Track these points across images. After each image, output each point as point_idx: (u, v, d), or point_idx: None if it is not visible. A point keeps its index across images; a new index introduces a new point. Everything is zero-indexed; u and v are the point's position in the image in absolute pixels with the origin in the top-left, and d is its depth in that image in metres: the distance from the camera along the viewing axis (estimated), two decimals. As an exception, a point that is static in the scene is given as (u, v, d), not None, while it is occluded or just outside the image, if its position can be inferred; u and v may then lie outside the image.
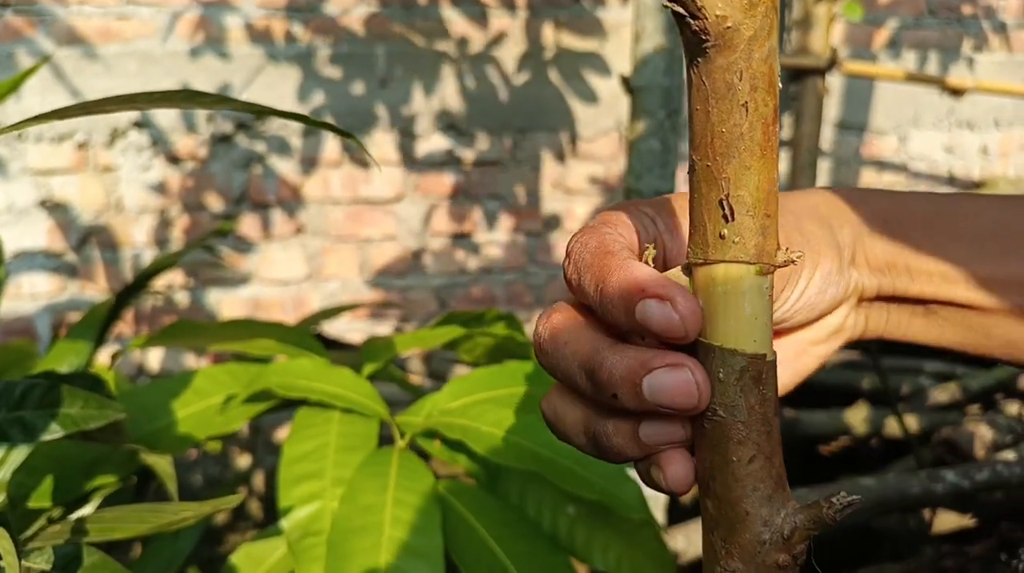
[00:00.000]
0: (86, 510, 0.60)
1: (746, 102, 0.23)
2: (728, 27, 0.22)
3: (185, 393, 0.65)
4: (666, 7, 0.23)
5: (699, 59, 0.23)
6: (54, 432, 0.48)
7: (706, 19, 0.22)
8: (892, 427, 1.28)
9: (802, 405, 1.38)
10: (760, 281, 0.25)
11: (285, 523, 0.57)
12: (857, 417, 1.30)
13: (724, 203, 0.25)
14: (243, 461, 1.60)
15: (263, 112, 0.45)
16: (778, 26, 0.24)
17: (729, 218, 0.25)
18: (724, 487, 0.27)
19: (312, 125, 0.45)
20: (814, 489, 0.90)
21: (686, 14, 0.23)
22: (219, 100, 0.45)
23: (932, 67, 1.84)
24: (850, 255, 0.33)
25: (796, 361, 0.35)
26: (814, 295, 0.32)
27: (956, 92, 1.66)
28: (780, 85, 0.24)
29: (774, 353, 0.26)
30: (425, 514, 0.56)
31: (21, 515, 0.60)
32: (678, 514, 1.36)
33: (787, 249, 0.26)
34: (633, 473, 0.62)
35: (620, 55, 1.62)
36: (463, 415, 0.61)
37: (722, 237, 0.25)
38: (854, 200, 0.34)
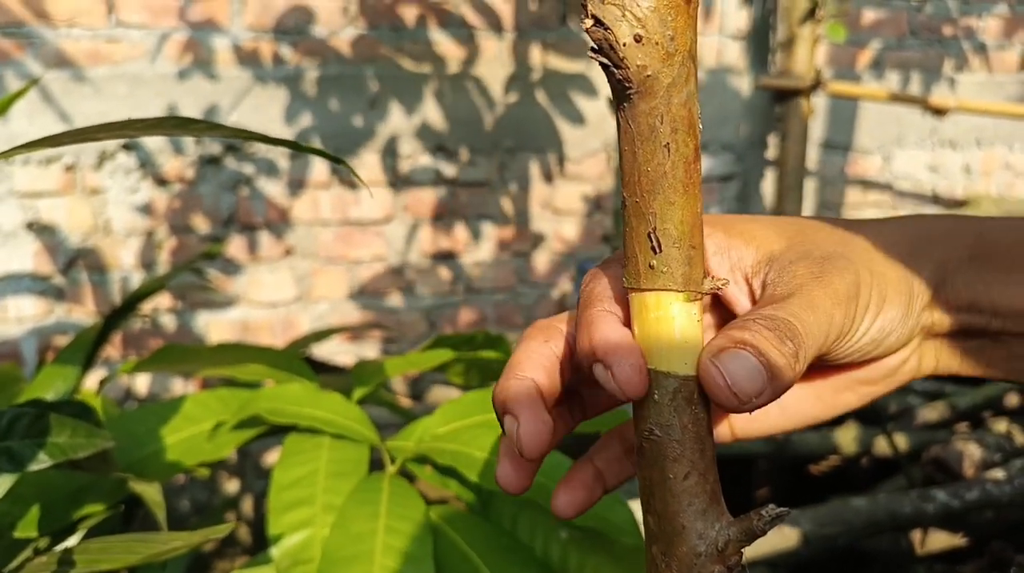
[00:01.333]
0: (73, 540, 0.60)
1: (668, 143, 0.26)
2: (648, 75, 0.25)
3: (174, 419, 0.64)
4: (592, 58, 0.25)
5: (625, 104, 0.26)
6: (42, 462, 0.47)
7: (628, 68, 0.25)
8: (882, 446, 1.28)
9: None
10: (688, 307, 0.28)
11: (275, 551, 0.57)
12: (847, 436, 1.30)
13: (652, 236, 0.27)
14: (231, 486, 1.59)
15: (253, 138, 0.45)
16: (695, 74, 0.26)
17: (657, 250, 0.27)
18: (662, 503, 0.28)
19: (301, 151, 0.45)
20: (805, 510, 0.89)
21: (610, 64, 0.25)
22: (209, 127, 0.45)
23: (915, 87, 1.86)
24: (926, 299, 0.32)
25: (834, 397, 0.34)
26: (870, 341, 0.31)
27: (938, 112, 1.68)
28: (700, 126, 0.26)
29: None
30: (416, 541, 0.55)
31: (7, 545, 0.59)
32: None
33: (713, 277, 0.28)
34: (625, 497, 0.62)
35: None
36: (454, 440, 0.61)
37: (651, 267, 0.27)
38: (940, 233, 0.33)
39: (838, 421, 1.37)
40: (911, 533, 1.12)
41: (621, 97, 0.26)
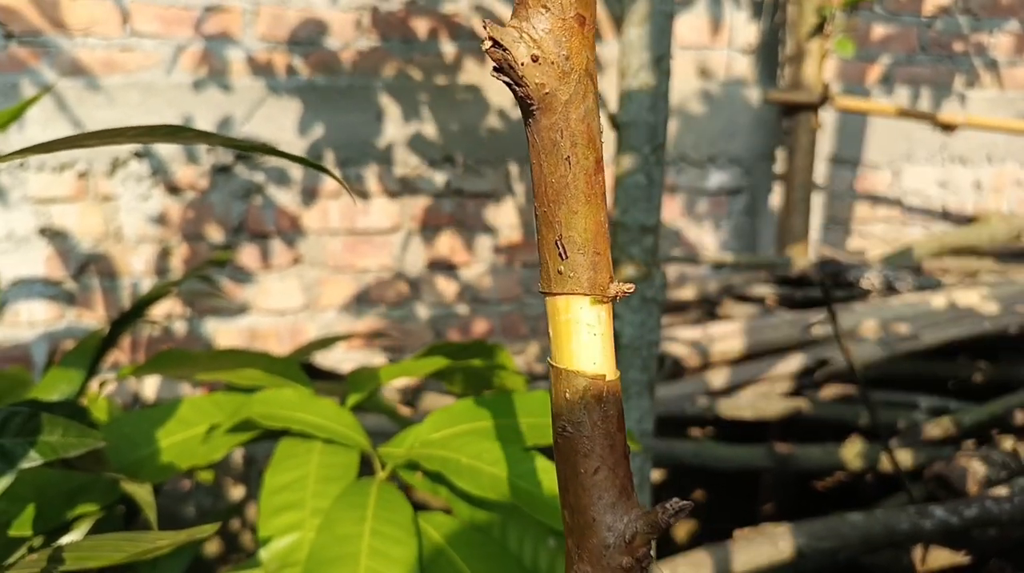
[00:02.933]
0: (67, 539, 0.61)
1: (568, 156, 0.27)
2: (547, 93, 0.27)
3: (170, 422, 0.65)
4: (494, 77, 0.27)
5: (530, 120, 0.28)
6: (33, 460, 0.48)
7: (528, 87, 0.27)
8: (886, 462, 1.27)
9: (796, 440, 1.38)
10: (596, 310, 0.29)
11: (264, 553, 0.57)
12: (851, 452, 1.29)
13: (559, 243, 0.28)
14: (237, 492, 1.60)
15: (244, 148, 0.46)
16: (594, 91, 0.27)
17: (564, 256, 0.28)
18: (575, 497, 0.29)
19: (296, 162, 0.46)
20: (801, 524, 0.89)
21: (512, 83, 0.27)
22: (201, 135, 0.47)
23: (925, 103, 1.86)
24: None
25: None
26: None
27: (948, 128, 1.67)
28: (600, 141, 0.28)
29: (616, 373, 0.29)
30: (403, 545, 0.56)
31: (3, 543, 0.60)
32: (669, 549, 1.35)
33: (620, 282, 0.29)
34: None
35: (614, 90, 1.64)
36: (444, 447, 0.62)
37: (560, 273, 0.29)
38: None
39: (844, 436, 1.37)
40: (912, 550, 1.11)
41: (526, 113, 0.28)
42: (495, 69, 0.27)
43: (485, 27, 0.26)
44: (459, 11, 1.61)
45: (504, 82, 0.27)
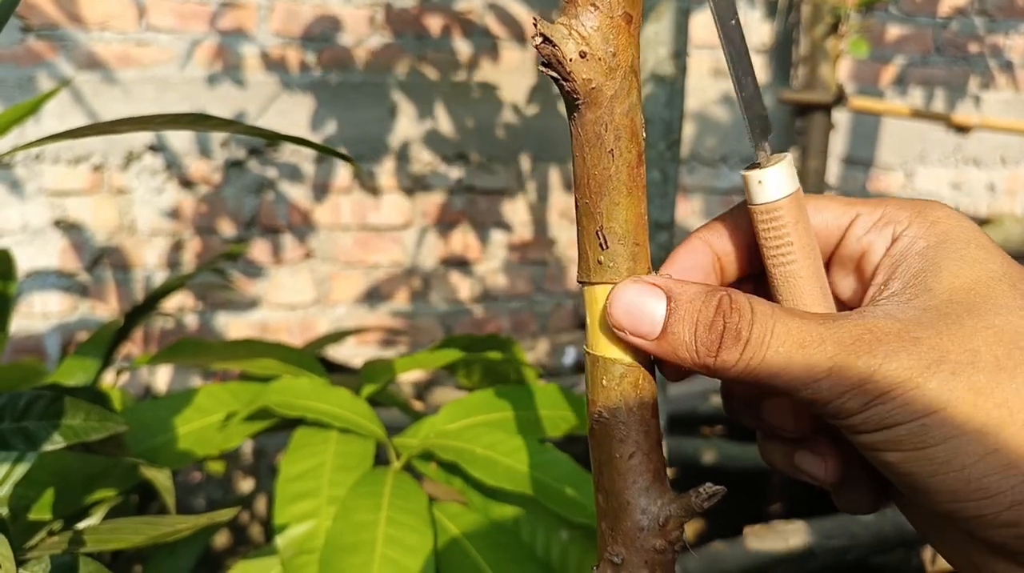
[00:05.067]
0: (86, 524, 0.61)
1: (612, 149, 0.28)
2: (593, 88, 0.27)
3: (186, 410, 0.66)
4: (542, 72, 0.28)
5: (575, 114, 0.28)
6: (56, 442, 0.49)
7: (575, 82, 0.27)
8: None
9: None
10: None
11: (280, 540, 0.58)
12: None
13: (599, 234, 0.29)
14: (246, 485, 1.60)
15: (267, 136, 0.46)
16: (637, 87, 0.28)
17: (604, 246, 0.29)
18: (609, 481, 0.30)
19: (315, 148, 0.47)
20: (811, 522, 0.89)
21: (559, 78, 0.28)
22: (225, 123, 0.47)
23: (939, 104, 1.85)
24: None
25: None
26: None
27: (962, 129, 1.67)
28: (644, 135, 0.29)
29: (650, 363, 0.30)
30: (418, 534, 0.56)
31: (23, 527, 0.61)
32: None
33: (658, 273, 0.30)
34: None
35: (628, 88, 1.64)
36: (458, 437, 0.62)
37: (600, 263, 0.29)
38: None
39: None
40: (923, 550, 1.11)
41: (571, 107, 0.28)
42: (543, 64, 0.28)
43: (535, 23, 0.27)
44: (473, 8, 1.61)
45: (551, 77, 0.28)
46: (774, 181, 0.30)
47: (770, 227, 0.30)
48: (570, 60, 0.27)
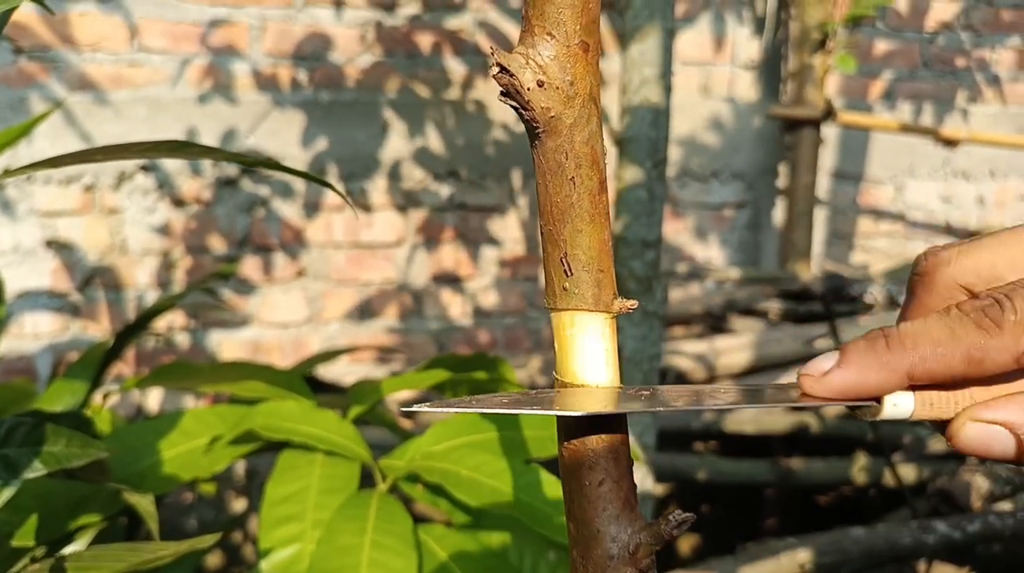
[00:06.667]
0: (70, 550, 0.61)
1: (573, 177, 0.28)
2: (552, 116, 0.28)
3: (172, 433, 0.66)
4: (502, 101, 0.28)
5: (535, 142, 0.29)
6: (37, 469, 0.49)
7: (534, 110, 0.28)
8: (890, 477, 1.27)
9: (800, 455, 1.38)
10: (600, 325, 0.30)
11: (265, 565, 0.58)
12: (855, 467, 1.29)
13: (563, 261, 0.29)
14: (239, 505, 1.60)
15: (248, 163, 0.47)
16: (597, 115, 0.28)
17: (568, 273, 0.29)
18: (580, 508, 0.30)
19: (296, 175, 0.47)
20: (803, 538, 0.89)
21: (518, 107, 0.28)
22: (206, 150, 0.47)
23: (927, 118, 1.86)
24: None
25: None
26: None
27: (950, 143, 1.68)
28: (604, 163, 0.29)
29: (620, 387, 0.30)
30: (403, 557, 0.56)
31: (6, 554, 0.61)
32: (673, 563, 1.34)
33: (623, 299, 0.30)
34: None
35: (616, 106, 1.65)
36: (444, 459, 0.62)
37: (565, 289, 0.29)
38: None
39: (847, 451, 1.36)
40: (916, 566, 1.11)
41: (532, 136, 0.29)
42: (502, 93, 0.28)
43: (492, 53, 0.27)
44: (463, 27, 1.62)
45: (511, 106, 0.28)
46: None
47: None
48: (528, 89, 0.27)
